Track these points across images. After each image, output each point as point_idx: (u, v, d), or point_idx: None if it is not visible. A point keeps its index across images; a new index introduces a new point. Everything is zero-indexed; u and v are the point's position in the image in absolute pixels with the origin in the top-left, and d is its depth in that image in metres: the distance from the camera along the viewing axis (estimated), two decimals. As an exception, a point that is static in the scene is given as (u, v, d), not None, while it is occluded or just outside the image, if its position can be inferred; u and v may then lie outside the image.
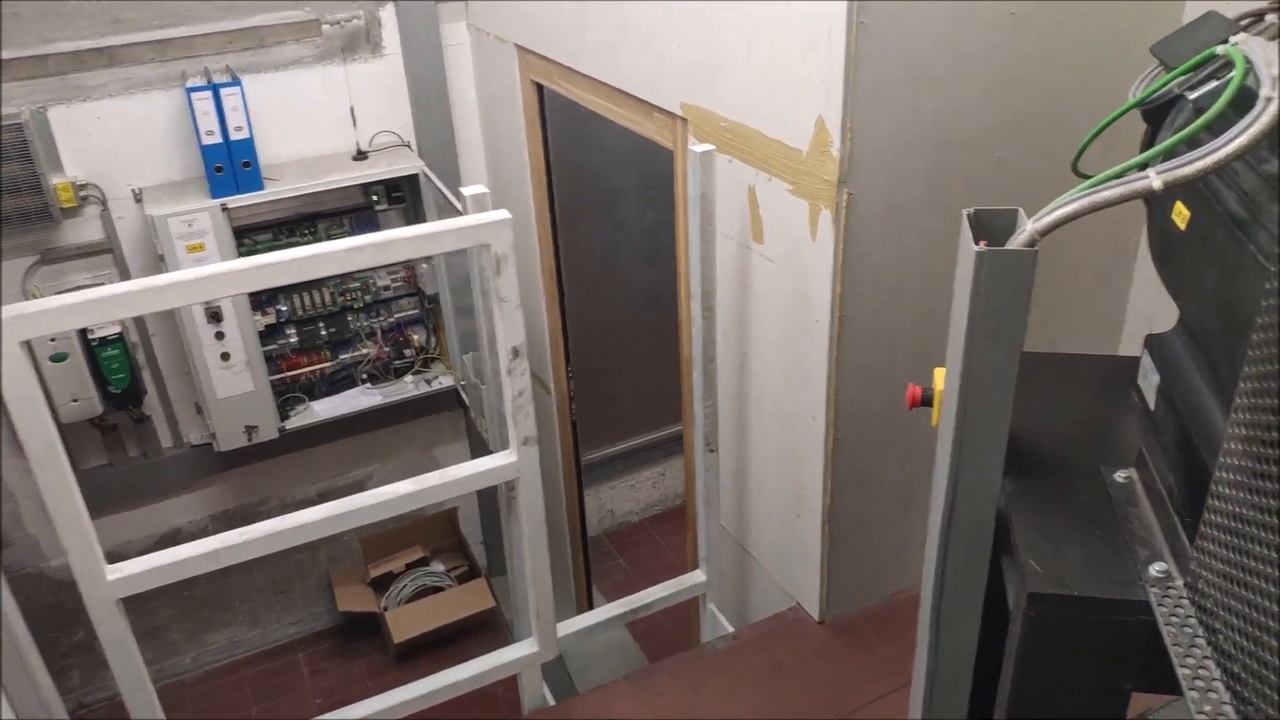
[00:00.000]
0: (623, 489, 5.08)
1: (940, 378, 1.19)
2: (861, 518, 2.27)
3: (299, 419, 3.83)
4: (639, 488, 5.13)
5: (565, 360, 3.61)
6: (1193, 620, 0.94)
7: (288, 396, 3.86)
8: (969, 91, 1.93)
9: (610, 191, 4.36)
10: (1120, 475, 1.14)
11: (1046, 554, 1.03)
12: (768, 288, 2.22)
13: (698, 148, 2.07)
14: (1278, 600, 0.76)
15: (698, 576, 2.58)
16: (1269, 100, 0.92)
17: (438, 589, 4.51)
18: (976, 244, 1.01)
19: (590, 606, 3.98)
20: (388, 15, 3.57)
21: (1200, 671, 0.89)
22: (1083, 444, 1.23)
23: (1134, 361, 1.34)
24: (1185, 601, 0.96)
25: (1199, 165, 0.93)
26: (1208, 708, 0.85)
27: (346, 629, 4.52)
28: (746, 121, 2.11)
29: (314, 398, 3.91)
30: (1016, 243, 1.00)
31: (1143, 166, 0.98)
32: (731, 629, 2.47)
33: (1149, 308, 2.30)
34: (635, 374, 4.54)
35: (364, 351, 3.94)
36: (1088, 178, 1.01)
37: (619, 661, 3.86)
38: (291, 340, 3.81)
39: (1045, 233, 1.01)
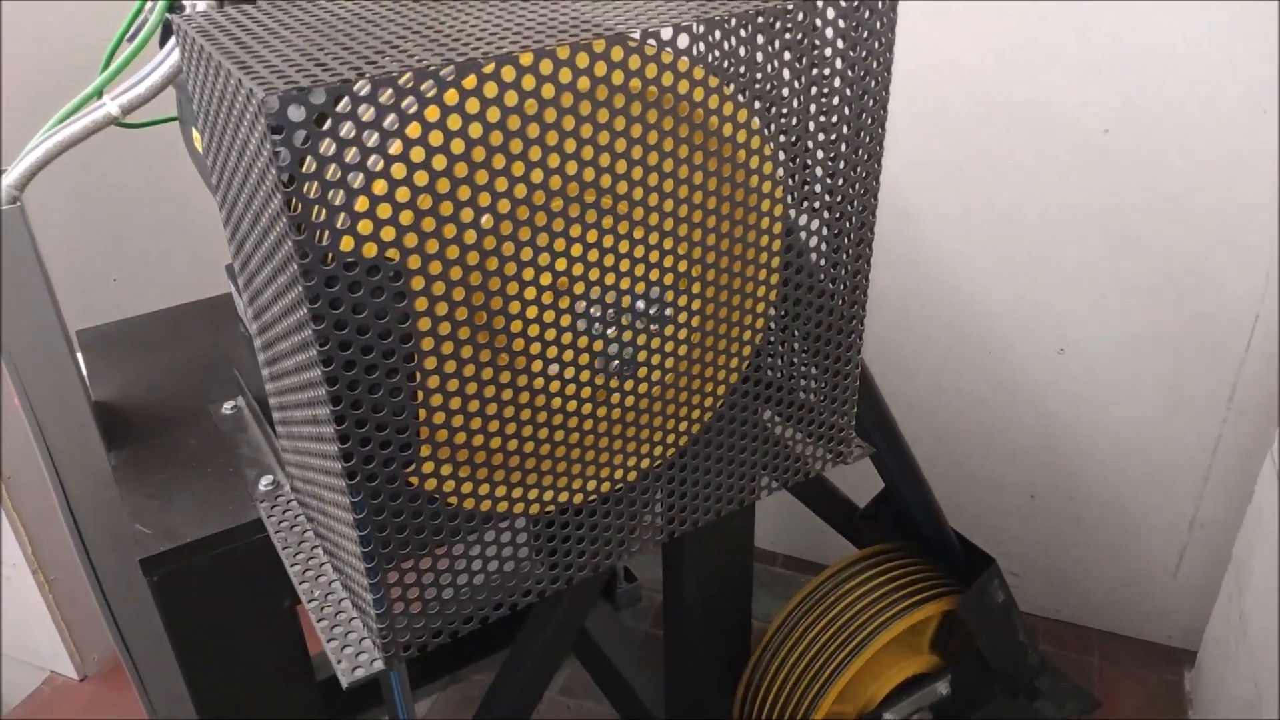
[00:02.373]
0: None
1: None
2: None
3: None
4: None
5: None
6: (302, 518, 0.97)
7: None
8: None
9: None
10: (228, 406, 1.13)
11: (154, 513, 0.97)
12: None
13: None
14: (322, 470, 0.80)
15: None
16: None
17: None
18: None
19: None
20: None
21: (311, 563, 0.92)
22: (194, 390, 1.19)
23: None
24: (294, 503, 0.99)
25: (148, 84, 0.92)
26: (317, 593, 0.89)
27: None
28: None
29: None
30: (-10, 204, 0.89)
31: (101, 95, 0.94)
32: (-27, 737, 2.04)
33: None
34: None
35: None
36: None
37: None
38: None
39: (22, 185, 0.92)
